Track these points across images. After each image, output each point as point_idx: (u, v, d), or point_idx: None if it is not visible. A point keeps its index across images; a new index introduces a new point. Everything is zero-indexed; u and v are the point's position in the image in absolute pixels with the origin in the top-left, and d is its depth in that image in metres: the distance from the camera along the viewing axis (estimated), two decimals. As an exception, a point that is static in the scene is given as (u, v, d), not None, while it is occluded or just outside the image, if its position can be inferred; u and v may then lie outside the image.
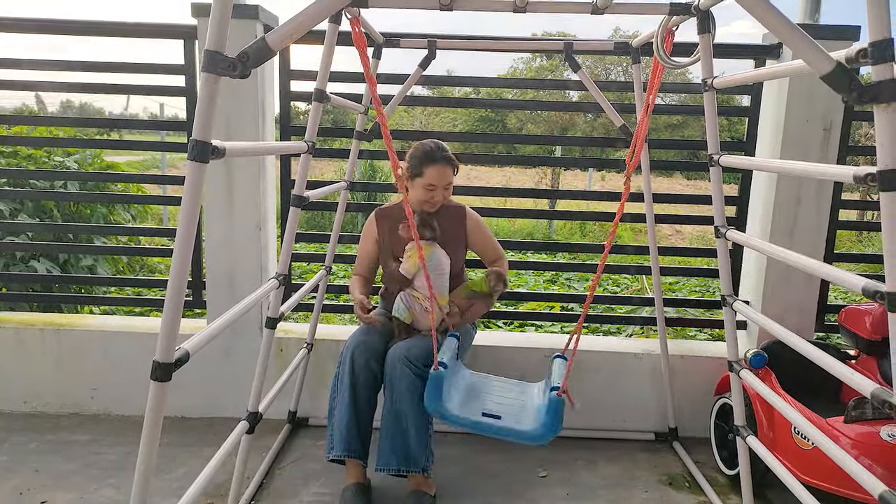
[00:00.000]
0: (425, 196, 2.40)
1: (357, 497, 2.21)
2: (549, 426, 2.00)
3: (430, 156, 2.37)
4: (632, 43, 2.58)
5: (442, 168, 2.38)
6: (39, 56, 2.88)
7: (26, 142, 3.87)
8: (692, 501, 2.40)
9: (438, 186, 2.39)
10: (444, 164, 2.38)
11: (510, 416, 2.09)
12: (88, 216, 4.61)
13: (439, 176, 2.37)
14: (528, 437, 2.01)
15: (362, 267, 2.61)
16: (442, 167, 2.37)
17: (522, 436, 2.02)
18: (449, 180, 2.42)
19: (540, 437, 2.00)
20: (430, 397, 2.04)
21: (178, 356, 1.25)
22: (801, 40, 1.22)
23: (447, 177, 2.40)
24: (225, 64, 1.16)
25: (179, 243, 1.19)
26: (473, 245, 2.59)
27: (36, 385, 2.94)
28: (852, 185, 1.43)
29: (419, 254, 2.17)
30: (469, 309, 2.45)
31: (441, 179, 2.38)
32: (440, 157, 2.38)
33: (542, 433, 2.00)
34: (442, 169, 2.38)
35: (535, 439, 2.01)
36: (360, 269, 2.61)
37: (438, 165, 2.37)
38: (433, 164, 2.36)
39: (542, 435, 2.00)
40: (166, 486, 2.35)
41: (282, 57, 2.84)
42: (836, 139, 2.70)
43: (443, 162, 2.38)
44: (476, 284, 2.41)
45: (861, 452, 1.98)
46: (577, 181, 15.48)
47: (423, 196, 2.40)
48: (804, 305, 2.83)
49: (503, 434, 2.03)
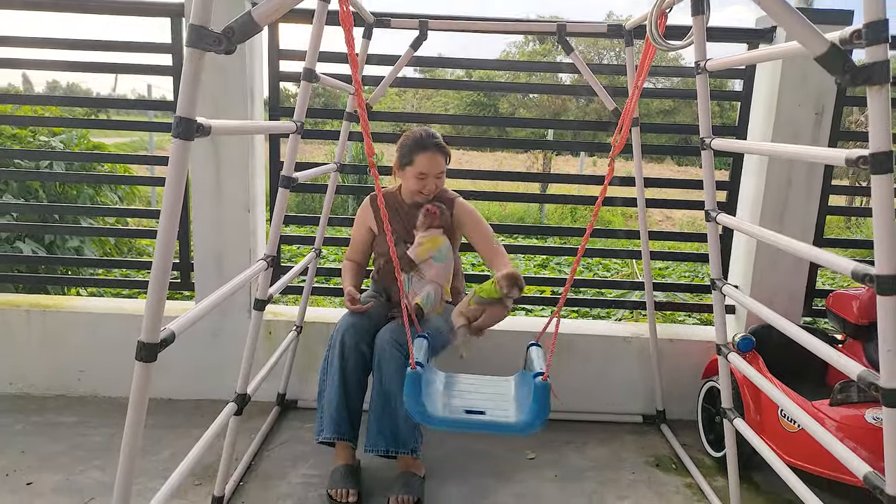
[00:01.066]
0: (417, 185, 2.36)
1: (346, 478, 2.21)
2: (536, 413, 1.92)
3: (421, 143, 2.33)
4: (625, 25, 2.56)
5: (433, 155, 2.33)
6: (25, 34, 2.82)
7: (11, 121, 3.81)
8: (679, 483, 2.43)
9: (430, 175, 2.34)
10: (434, 152, 2.33)
11: (494, 410, 2.00)
12: (75, 197, 4.55)
13: (430, 164, 2.33)
14: (516, 428, 1.94)
15: (355, 253, 2.58)
16: (432, 154, 2.33)
17: (511, 428, 1.94)
18: (441, 168, 2.37)
19: (529, 425, 1.93)
20: (409, 399, 1.93)
21: (164, 336, 1.23)
22: (795, 20, 1.21)
23: (439, 165, 2.35)
24: (210, 39, 1.13)
25: (164, 221, 1.17)
26: (466, 235, 2.50)
27: (22, 367, 2.92)
28: (842, 171, 1.43)
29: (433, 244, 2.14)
30: (480, 318, 2.13)
31: (432, 167, 2.33)
32: (431, 144, 2.33)
33: (530, 421, 1.92)
34: (433, 156, 2.33)
35: (524, 429, 1.93)
36: (354, 255, 2.58)
37: (429, 153, 2.32)
38: (424, 152, 2.32)
39: (530, 423, 1.92)
40: (153, 468, 2.34)
41: (271, 36, 2.79)
42: (828, 123, 2.70)
43: (433, 149, 2.33)
44: (484, 290, 2.18)
45: (846, 435, 2.00)
46: (569, 167, 15.48)
47: (415, 185, 2.36)
48: (793, 290, 2.84)
49: (491, 429, 1.97)
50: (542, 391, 1.93)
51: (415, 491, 2.19)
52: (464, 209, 2.48)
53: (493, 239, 2.46)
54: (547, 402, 1.93)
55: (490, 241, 2.45)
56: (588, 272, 6.36)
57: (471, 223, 2.47)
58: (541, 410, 1.93)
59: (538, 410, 1.92)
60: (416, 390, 1.93)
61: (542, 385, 1.93)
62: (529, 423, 1.92)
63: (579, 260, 2.01)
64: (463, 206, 2.49)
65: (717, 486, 2.38)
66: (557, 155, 14.37)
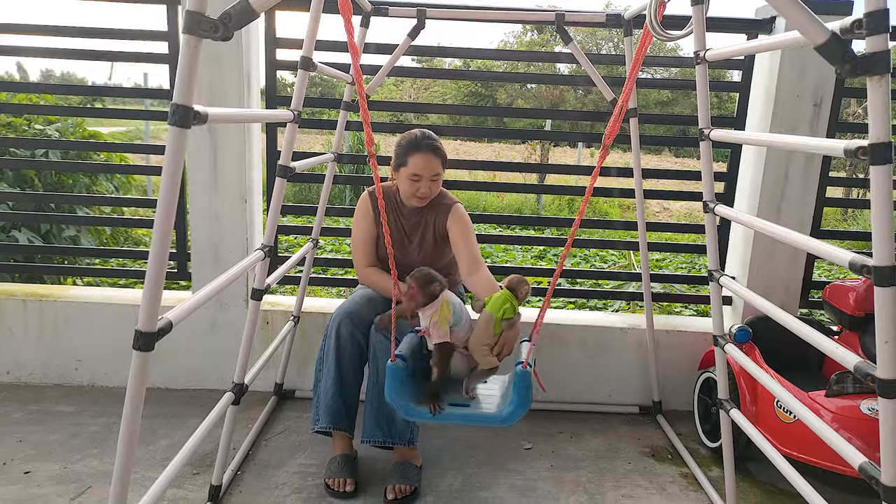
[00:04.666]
0: (411, 188, 2.27)
1: (344, 468, 2.22)
2: (517, 403, 1.84)
3: (415, 144, 2.25)
4: (624, 14, 2.55)
5: (426, 156, 2.25)
6: (19, 21, 2.80)
7: (6, 109, 3.78)
8: (674, 472, 2.44)
9: (424, 177, 2.25)
10: (428, 152, 2.25)
11: (478, 403, 1.94)
12: (70, 186, 4.53)
13: (424, 165, 2.24)
14: (496, 418, 1.86)
15: (365, 257, 2.41)
16: (426, 154, 2.25)
17: (492, 419, 1.87)
18: (435, 171, 2.27)
19: (509, 416, 1.84)
20: (390, 392, 1.88)
21: (161, 325, 1.23)
22: (796, 9, 1.20)
23: (433, 167, 2.26)
24: (206, 25, 1.12)
25: (161, 209, 1.17)
26: (451, 241, 2.35)
27: (19, 356, 2.91)
28: (839, 163, 1.42)
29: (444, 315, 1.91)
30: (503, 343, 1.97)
31: (426, 169, 2.25)
32: (425, 144, 2.26)
33: (510, 412, 1.84)
34: (426, 157, 2.25)
35: (505, 420, 1.84)
36: (365, 261, 2.40)
37: (423, 153, 2.24)
38: (417, 153, 2.24)
39: (511, 414, 1.84)
40: (150, 457, 2.34)
41: (267, 25, 2.77)
42: (826, 115, 2.70)
43: (427, 150, 2.25)
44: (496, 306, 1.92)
45: (841, 426, 2.01)
46: (567, 158, 15.45)
47: (410, 188, 2.27)
48: (789, 282, 2.85)
49: (472, 420, 1.90)
50: (521, 379, 1.83)
51: (412, 480, 2.19)
52: (458, 216, 2.37)
53: (477, 254, 2.31)
54: (528, 391, 1.84)
55: (473, 254, 2.29)
56: (585, 263, 6.36)
57: (459, 231, 2.34)
58: (521, 400, 1.84)
59: (519, 401, 1.84)
60: (395, 383, 1.88)
61: (521, 373, 1.83)
62: (509, 414, 1.84)
63: (567, 251, 1.95)
64: (459, 213, 2.38)
65: (712, 476, 2.40)
66: (555, 146, 14.34)
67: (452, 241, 2.36)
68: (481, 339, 1.92)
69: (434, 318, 1.92)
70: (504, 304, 1.92)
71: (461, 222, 2.36)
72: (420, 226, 2.40)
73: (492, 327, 1.91)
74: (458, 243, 2.33)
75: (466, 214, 2.40)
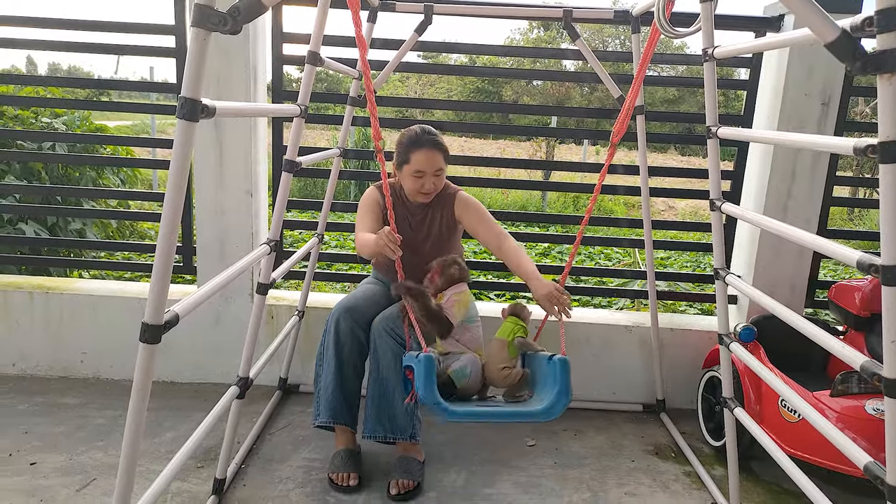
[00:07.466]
0: (415, 184, 2.27)
1: (347, 462, 2.23)
2: (559, 394, 1.80)
3: (416, 140, 2.25)
4: (632, 11, 2.54)
5: (429, 152, 2.24)
6: (26, 14, 2.80)
7: (14, 101, 3.79)
8: (678, 471, 2.44)
9: (427, 173, 2.25)
10: (430, 148, 2.24)
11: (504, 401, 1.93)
12: (77, 179, 4.54)
13: (426, 161, 2.24)
14: (540, 413, 1.82)
15: (371, 227, 2.30)
16: (428, 150, 2.24)
17: (534, 414, 1.83)
18: (438, 166, 2.26)
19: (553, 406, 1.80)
20: (425, 389, 1.78)
21: (168, 318, 1.24)
22: (807, 6, 1.19)
23: (436, 162, 2.26)
24: (215, 19, 1.12)
25: (169, 201, 1.17)
26: (466, 227, 2.40)
27: (25, 348, 2.93)
28: (846, 163, 1.41)
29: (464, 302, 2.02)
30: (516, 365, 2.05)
31: (429, 165, 2.24)
32: (426, 140, 2.25)
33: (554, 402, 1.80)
34: (429, 153, 2.24)
35: (549, 413, 1.80)
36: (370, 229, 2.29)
37: (425, 149, 2.24)
38: (419, 149, 2.24)
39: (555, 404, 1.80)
40: (155, 450, 2.35)
41: (274, 19, 2.77)
42: (835, 114, 2.68)
43: (429, 146, 2.25)
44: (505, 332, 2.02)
45: (846, 425, 2.00)
46: (572, 155, 15.41)
47: (413, 184, 2.28)
48: (795, 281, 2.84)
49: (514, 418, 1.86)
50: (562, 367, 1.82)
51: (415, 475, 2.20)
52: (464, 203, 2.39)
53: (498, 227, 2.35)
54: (569, 380, 1.83)
55: (495, 230, 2.34)
56: (590, 261, 6.35)
57: (473, 216, 2.37)
58: (564, 390, 1.81)
59: (560, 391, 1.81)
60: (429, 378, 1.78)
61: (561, 360, 1.82)
62: (553, 404, 1.81)
63: (577, 248, 1.97)
64: (464, 200, 2.40)
65: (715, 475, 2.39)
66: (560, 143, 14.30)
67: (470, 227, 2.40)
68: (498, 363, 2.01)
69: (456, 297, 2.07)
70: (513, 328, 2.05)
71: (471, 207, 2.39)
72: (426, 220, 2.40)
73: (506, 350, 2.03)
74: (477, 227, 2.37)
75: (472, 197, 2.42)
